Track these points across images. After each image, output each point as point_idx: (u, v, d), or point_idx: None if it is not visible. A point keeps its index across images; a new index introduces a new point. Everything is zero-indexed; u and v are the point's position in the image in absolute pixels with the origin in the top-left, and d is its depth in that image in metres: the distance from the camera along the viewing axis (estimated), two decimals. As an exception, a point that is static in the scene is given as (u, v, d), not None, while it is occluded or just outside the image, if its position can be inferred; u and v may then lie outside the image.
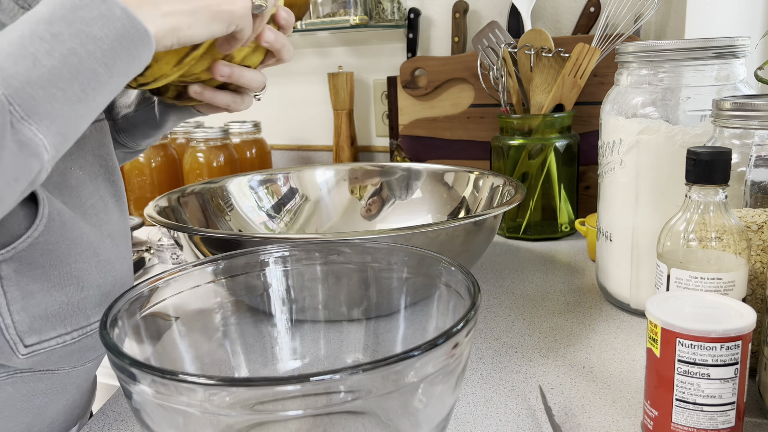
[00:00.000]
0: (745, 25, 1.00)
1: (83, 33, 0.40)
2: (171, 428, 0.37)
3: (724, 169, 0.50)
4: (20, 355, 0.49)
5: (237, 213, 0.96)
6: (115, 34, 0.41)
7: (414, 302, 0.55)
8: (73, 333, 0.52)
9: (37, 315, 0.49)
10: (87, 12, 0.40)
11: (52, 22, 0.39)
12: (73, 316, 0.52)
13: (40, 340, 0.50)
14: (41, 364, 0.51)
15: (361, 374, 0.34)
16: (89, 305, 0.53)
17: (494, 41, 1.10)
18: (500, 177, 0.90)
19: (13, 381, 0.50)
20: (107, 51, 0.41)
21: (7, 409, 0.51)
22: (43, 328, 0.50)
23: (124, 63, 0.42)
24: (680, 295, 0.50)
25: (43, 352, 0.51)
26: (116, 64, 0.42)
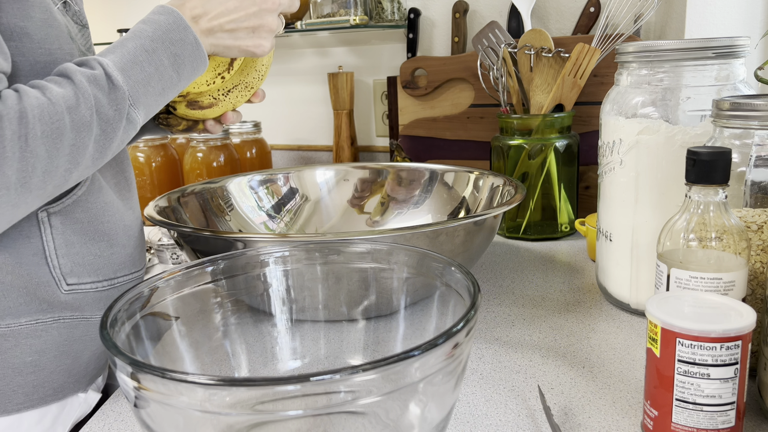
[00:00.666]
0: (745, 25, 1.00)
1: (169, 50, 0.59)
2: (171, 428, 0.38)
3: (724, 169, 0.50)
4: (63, 290, 0.61)
5: (237, 213, 0.96)
6: (188, 53, 0.60)
7: (414, 302, 0.55)
8: (104, 282, 0.64)
9: (77, 262, 0.62)
10: (174, 35, 0.59)
11: (153, 40, 0.58)
12: (103, 268, 0.64)
13: (78, 282, 0.62)
14: (79, 304, 0.62)
15: (361, 374, 0.34)
16: (116, 261, 0.65)
17: (494, 41, 1.10)
18: (500, 177, 0.90)
19: (57, 326, 0.61)
20: (180, 64, 0.60)
21: (53, 351, 0.61)
22: (80, 273, 0.62)
23: (188, 73, 0.61)
24: (680, 295, 0.50)
25: (80, 293, 0.62)
26: (183, 73, 0.61)
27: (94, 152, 0.54)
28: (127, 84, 0.55)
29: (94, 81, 0.54)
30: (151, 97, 0.58)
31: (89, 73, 0.54)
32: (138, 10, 1.59)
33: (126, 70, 0.56)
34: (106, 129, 0.54)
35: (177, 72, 0.60)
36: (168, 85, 0.60)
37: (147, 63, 0.57)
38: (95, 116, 0.53)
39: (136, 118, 0.57)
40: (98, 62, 0.55)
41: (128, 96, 0.56)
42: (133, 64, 0.56)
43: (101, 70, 0.55)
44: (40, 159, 0.50)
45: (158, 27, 0.59)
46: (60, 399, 0.63)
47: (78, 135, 0.52)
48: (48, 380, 0.61)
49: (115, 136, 0.56)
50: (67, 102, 0.52)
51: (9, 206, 0.50)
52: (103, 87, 0.54)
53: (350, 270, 0.57)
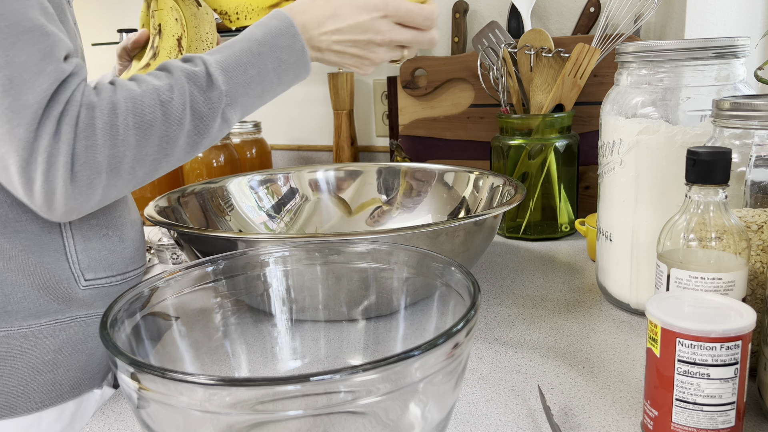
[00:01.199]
0: (745, 25, 1.00)
1: (275, 56, 0.60)
2: (171, 428, 0.38)
3: (724, 169, 0.50)
4: (81, 286, 0.63)
5: (237, 213, 0.96)
6: (292, 60, 0.62)
7: (414, 302, 0.55)
8: (117, 276, 0.66)
9: (93, 257, 0.63)
10: (282, 40, 0.61)
11: (261, 44, 0.60)
12: (116, 263, 0.66)
13: (95, 277, 0.64)
14: (93, 300, 0.64)
15: (361, 374, 0.34)
16: (127, 256, 0.67)
17: (494, 41, 1.10)
18: (500, 177, 0.90)
19: (74, 324, 0.63)
20: (283, 69, 0.62)
21: (69, 349, 0.63)
22: (96, 269, 0.64)
23: (290, 79, 0.63)
24: (680, 295, 0.50)
25: (96, 288, 0.64)
26: (285, 79, 0.63)
27: (186, 145, 0.57)
28: (226, 84, 0.57)
29: (193, 77, 0.56)
30: (249, 98, 0.60)
31: (189, 70, 0.57)
32: (138, 10, 1.59)
33: (228, 70, 0.58)
34: (198, 125, 0.57)
35: (279, 77, 0.61)
36: (268, 88, 0.61)
37: (251, 65, 0.59)
38: (188, 111, 0.55)
39: (231, 117, 0.59)
40: (202, 60, 0.58)
41: (225, 95, 0.57)
42: (237, 66, 0.58)
43: (203, 68, 0.57)
44: (130, 147, 0.53)
45: (268, 31, 0.61)
46: (77, 396, 0.65)
47: (169, 128, 0.55)
48: (65, 378, 0.63)
49: (208, 133, 0.58)
50: (160, 95, 0.54)
51: (101, 187, 0.53)
52: (201, 85, 0.56)
53: (350, 270, 0.57)
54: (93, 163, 0.52)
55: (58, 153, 0.50)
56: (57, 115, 0.50)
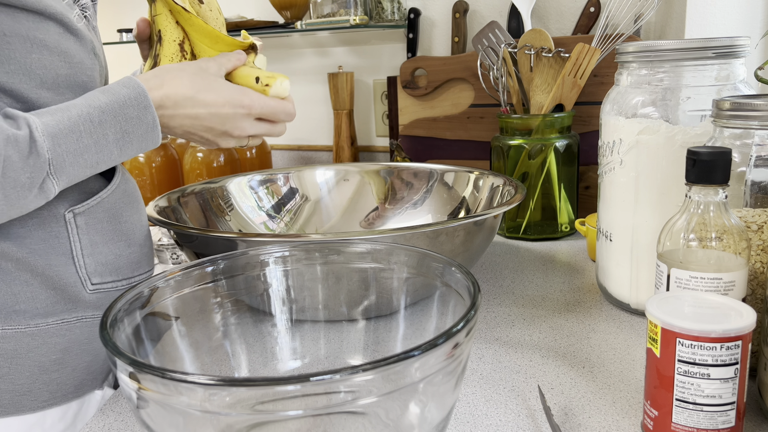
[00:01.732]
0: (745, 25, 1.00)
1: (119, 126, 0.56)
2: (171, 428, 0.38)
3: (724, 169, 0.50)
4: (88, 290, 0.62)
5: (237, 213, 0.96)
6: (139, 132, 0.58)
7: (414, 302, 0.55)
8: (123, 281, 0.66)
9: (100, 261, 0.63)
10: (130, 111, 0.56)
11: (104, 112, 0.55)
12: (123, 268, 0.65)
13: (102, 281, 0.63)
14: (101, 303, 0.64)
15: (361, 374, 0.34)
16: (134, 260, 0.67)
17: (494, 41, 1.10)
18: (500, 177, 0.90)
19: (80, 325, 0.63)
20: (127, 141, 0.57)
21: (75, 348, 0.63)
22: (103, 273, 0.63)
23: (133, 151, 0.59)
24: (680, 295, 0.50)
25: (103, 292, 0.64)
26: (127, 151, 0.58)
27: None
28: (53, 151, 0.52)
29: (14, 141, 0.50)
30: (79, 168, 0.55)
31: (10, 132, 0.50)
32: (138, 10, 1.59)
33: (57, 137, 0.52)
34: (9, 194, 0.51)
35: (120, 149, 0.57)
36: (105, 159, 0.56)
37: (87, 134, 0.54)
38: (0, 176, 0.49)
39: (51, 188, 0.53)
40: (27, 122, 0.52)
41: (49, 164, 0.52)
42: (70, 132, 0.53)
43: (26, 131, 0.51)
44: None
45: (115, 99, 0.56)
46: (80, 396, 0.65)
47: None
48: (70, 378, 0.63)
49: (18, 204, 0.52)
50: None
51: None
52: (22, 150, 0.50)
53: (350, 270, 0.57)
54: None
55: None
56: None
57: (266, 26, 1.32)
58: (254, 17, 1.45)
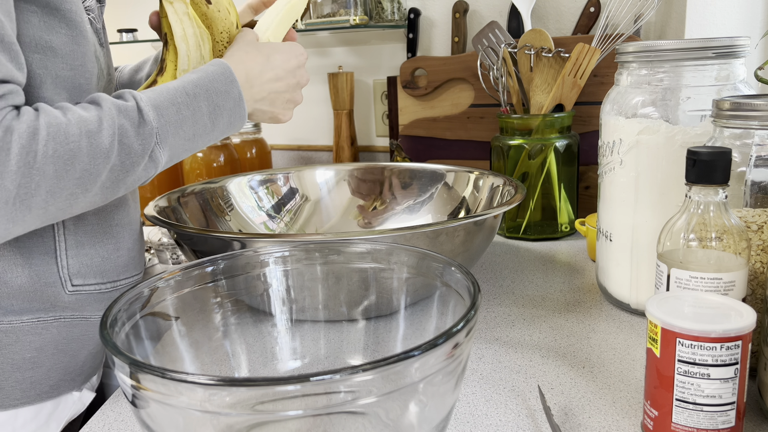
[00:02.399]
0: (745, 25, 1.00)
1: (211, 99, 0.59)
2: (171, 428, 0.38)
3: (724, 169, 0.50)
4: (67, 291, 0.62)
5: (237, 213, 0.96)
6: (228, 106, 0.61)
7: (414, 302, 0.55)
8: (107, 284, 0.65)
9: (84, 263, 0.63)
10: (219, 85, 0.60)
11: (197, 86, 0.59)
12: (109, 270, 0.65)
13: (83, 283, 0.63)
14: (80, 304, 0.63)
15: (361, 374, 0.34)
16: (121, 264, 0.66)
17: (494, 41, 1.10)
18: (500, 177, 0.90)
19: (57, 324, 0.62)
20: (218, 114, 0.60)
21: (51, 348, 0.62)
22: (86, 275, 0.63)
23: (223, 126, 0.62)
24: (680, 295, 0.50)
25: (84, 294, 0.63)
26: (218, 124, 0.61)
27: (106, 182, 0.53)
28: (157, 121, 0.55)
29: (124, 111, 0.53)
30: (180, 140, 0.57)
31: (120, 103, 0.54)
32: (138, 10, 1.59)
33: (160, 108, 0.56)
34: (125, 161, 0.53)
35: (212, 122, 0.60)
36: (200, 131, 0.59)
37: (185, 105, 0.57)
38: (116, 145, 0.52)
39: (159, 157, 0.56)
40: (132, 95, 0.55)
41: (156, 133, 0.55)
42: (170, 104, 0.56)
43: (134, 102, 0.54)
44: (46, 178, 0.49)
45: (205, 75, 0.60)
46: (55, 396, 0.64)
47: (93, 161, 0.51)
48: (45, 377, 0.62)
49: (134, 171, 0.54)
50: (87, 126, 0.51)
51: (4, 220, 0.48)
52: (133, 119, 0.54)
53: (350, 270, 0.57)
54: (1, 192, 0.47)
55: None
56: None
57: (266, 26, 1.32)
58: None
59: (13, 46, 0.51)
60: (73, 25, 0.57)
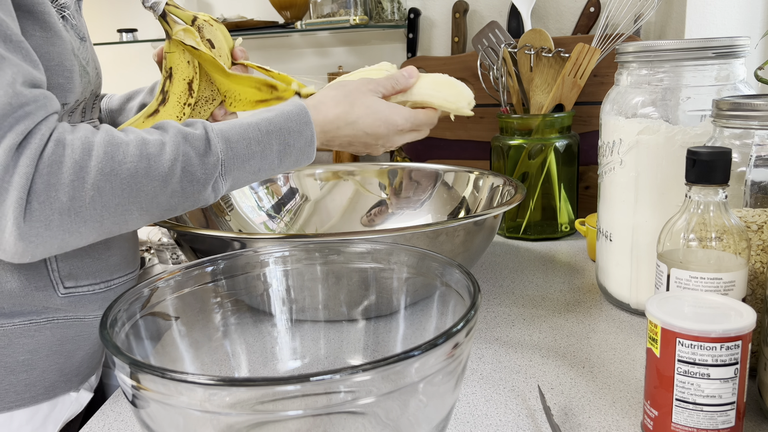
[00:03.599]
0: (745, 25, 1.00)
1: (282, 138, 0.60)
2: (171, 428, 0.38)
3: (724, 169, 0.50)
4: (60, 294, 0.61)
5: (237, 213, 0.96)
6: (299, 146, 0.61)
7: (414, 302, 0.55)
8: (101, 284, 0.64)
9: (75, 265, 0.62)
10: (293, 125, 0.61)
11: (271, 123, 0.59)
12: (101, 271, 0.64)
13: (76, 285, 0.62)
14: (74, 306, 0.62)
15: (361, 374, 0.34)
16: (112, 263, 0.65)
17: (494, 41, 1.10)
18: (500, 177, 0.90)
19: (51, 326, 0.61)
20: (287, 153, 0.61)
21: (45, 350, 0.61)
22: (78, 276, 0.62)
23: (290, 164, 0.62)
24: (680, 295, 0.50)
25: (77, 295, 0.62)
26: (285, 163, 0.61)
27: (165, 204, 0.54)
28: (225, 153, 0.56)
29: (191, 139, 0.54)
30: (244, 173, 0.58)
31: (187, 131, 0.55)
32: (138, 10, 1.59)
33: (231, 140, 0.56)
34: (186, 187, 0.54)
35: (280, 159, 0.61)
36: (266, 167, 0.60)
37: (256, 142, 0.58)
38: (179, 171, 0.53)
39: (220, 187, 0.57)
40: (203, 125, 0.56)
41: (222, 164, 0.56)
42: (241, 138, 0.57)
43: (203, 131, 0.56)
44: (102, 194, 0.50)
45: (280, 114, 0.61)
46: (51, 398, 0.63)
47: (150, 183, 0.52)
48: (40, 379, 0.62)
49: (195, 198, 0.55)
50: (147, 148, 0.52)
51: (60, 231, 0.49)
52: (198, 147, 0.55)
53: (350, 270, 0.57)
54: (54, 203, 0.48)
55: (11, 186, 0.47)
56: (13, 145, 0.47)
57: (266, 26, 1.32)
58: (254, 17, 1.45)
59: (23, 44, 0.51)
60: (47, 27, 0.56)
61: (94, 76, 0.64)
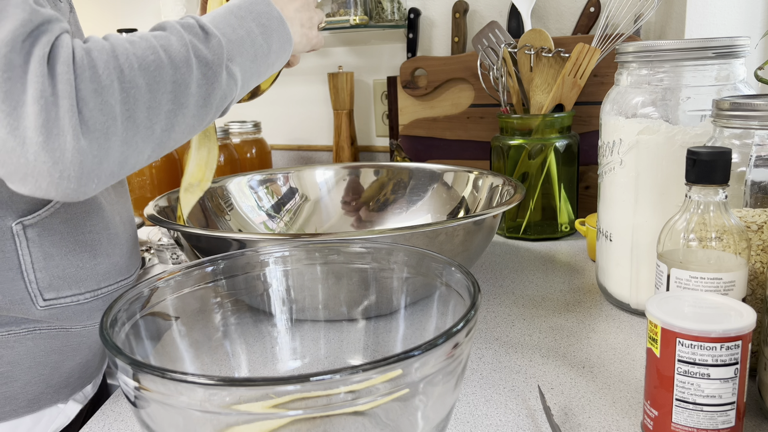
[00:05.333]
0: (745, 25, 1.00)
1: (257, 20, 0.59)
2: (171, 428, 0.38)
3: (724, 169, 0.50)
4: (38, 306, 0.57)
5: (237, 213, 0.96)
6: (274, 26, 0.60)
7: (414, 302, 0.55)
8: (87, 294, 0.61)
9: (56, 275, 0.58)
10: (259, 7, 0.60)
11: (241, 8, 0.58)
12: (86, 280, 0.60)
13: (57, 296, 0.58)
14: (57, 318, 0.59)
15: (361, 374, 0.34)
16: (100, 272, 0.62)
17: (494, 41, 1.10)
18: (499, 177, 0.90)
19: (32, 336, 0.58)
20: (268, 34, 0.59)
21: (28, 361, 0.58)
22: (60, 287, 0.59)
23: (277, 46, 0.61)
24: (680, 295, 0.50)
25: (59, 307, 0.59)
26: (272, 45, 0.60)
27: (198, 96, 0.51)
28: (223, 37, 0.54)
29: (189, 28, 0.53)
30: (246, 58, 0.56)
31: (182, 22, 0.53)
32: (138, 10, 1.59)
33: (218, 27, 0.55)
34: (206, 73, 0.52)
35: (267, 42, 0.59)
36: (260, 52, 0.58)
37: (238, 26, 0.56)
38: (193, 57, 0.51)
39: (235, 72, 0.55)
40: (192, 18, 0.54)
41: (225, 47, 0.54)
42: (226, 25, 0.56)
43: (194, 21, 0.54)
44: (141, 91, 0.47)
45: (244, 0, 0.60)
46: (35, 410, 0.60)
47: (177, 71, 0.49)
48: (21, 392, 0.58)
49: (218, 84, 0.53)
50: (159, 40, 0.50)
51: (118, 140, 0.45)
52: (198, 34, 0.53)
53: (350, 270, 0.57)
54: (105, 107, 0.44)
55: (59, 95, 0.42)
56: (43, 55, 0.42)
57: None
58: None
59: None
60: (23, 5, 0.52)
61: None
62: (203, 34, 0.53)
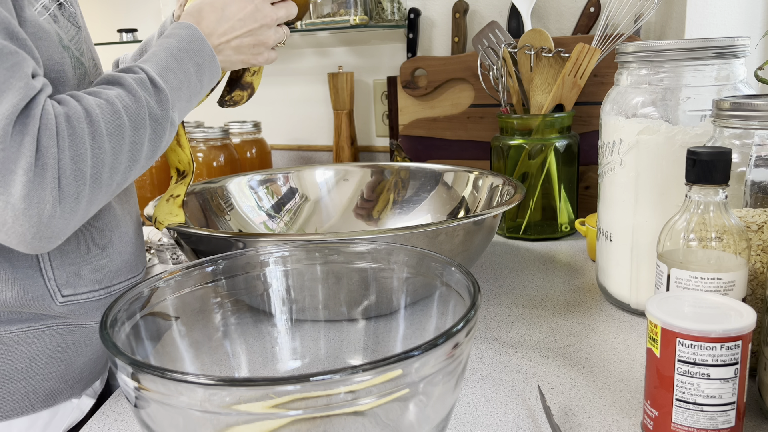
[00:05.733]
0: (745, 25, 1.00)
1: (193, 60, 0.63)
2: (171, 428, 0.38)
3: (724, 169, 0.50)
4: (58, 302, 0.60)
5: (237, 213, 0.96)
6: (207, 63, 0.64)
7: (414, 302, 0.55)
8: (101, 290, 0.63)
9: (72, 272, 0.61)
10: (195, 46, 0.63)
11: (180, 50, 0.62)
12: (100, 277, 0.63)
13: (74, 293, 0.61)
14: (73, 314, 0.61)
15: (361, 374, 0.34)
16: (113, 269, 0.65)
17: (494, 41, 1.10)
18: (499, 177, 0.90)
19: (50, 332, 0.60)
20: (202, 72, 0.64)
21: (45, 357, 0.60)
22: (76, 284, 0.61)
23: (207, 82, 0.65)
24: (680, 295, 0.50)
25: (76, 303, 0.61)
26: (204, 81, 0.64)
27: (148, 151, 0.57)
28: (167, 88, 0.59)
29: (141, 84, 0.57)
30: (183, 102, 0.61)
31: (136, 77, 0.57)
32: (138, 10, 1.59)
33: (163, 75, 0.59)
34: (156, 128, 0.57)
35: (200, 80, 0.63)
36: (194, 92, 0.63)
37: (178, 70, 0.61)
38: (147, 117, 0.56)
39: (176, 119, 0.60)
40: (140, 68, 0.58)
41: (170, 98, 0.59)
42: (167, 71, 0.60)
43: (145, 75, 0.58)
44: (107, 155, 0.52)
45: (181, 40, 0.63)
46: (51, 405, 0.62)
47: (136, 132, 0.55)
48: (40, 387, 0.61)
49: (164, 136, 0.58)
50: (122, 101, 0.54)
51: (85, 201, 0.51)
52: (149, 89, 0.57)
53: (350, 270, 0.57)
54: (79, 174, 0.49)
55: (45, 168, 0.47)
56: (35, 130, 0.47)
57: (266, 26, 1.32)
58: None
59: (27, 42, 0.51)
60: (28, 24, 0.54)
61: (91, 66, 0.64)
62: (154, 90, 0.58)
